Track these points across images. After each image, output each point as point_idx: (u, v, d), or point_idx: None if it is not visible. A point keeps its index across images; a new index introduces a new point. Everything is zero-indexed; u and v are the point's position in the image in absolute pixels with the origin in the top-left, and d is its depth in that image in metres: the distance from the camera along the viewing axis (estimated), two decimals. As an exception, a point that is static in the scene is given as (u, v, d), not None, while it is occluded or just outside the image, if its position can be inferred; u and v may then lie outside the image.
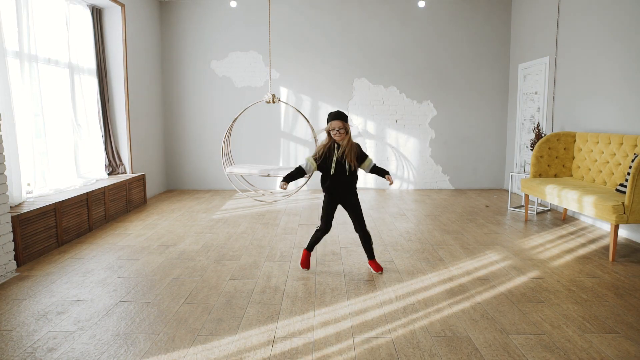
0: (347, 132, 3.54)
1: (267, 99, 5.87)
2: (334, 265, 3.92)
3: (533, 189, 5.24)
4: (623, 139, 4.65)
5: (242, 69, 7.71)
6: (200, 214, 6.00)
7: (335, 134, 3.52)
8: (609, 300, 3.19)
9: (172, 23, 7.66)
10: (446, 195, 7.31)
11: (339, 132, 3.51)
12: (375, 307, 3.09)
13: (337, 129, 3.50)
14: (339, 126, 3.50)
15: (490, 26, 7.65)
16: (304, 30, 7.63)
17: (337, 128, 3.50)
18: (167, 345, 2.61)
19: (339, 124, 3.50)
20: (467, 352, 2.51)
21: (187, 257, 4.18)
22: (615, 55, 4.91)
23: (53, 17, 5.28)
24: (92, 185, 5.47)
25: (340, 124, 3.50)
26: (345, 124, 3.53)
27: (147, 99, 7.20)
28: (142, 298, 3.26)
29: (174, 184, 8.00)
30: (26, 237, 4.04)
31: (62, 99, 5.44)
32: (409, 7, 7.59)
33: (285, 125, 7.78)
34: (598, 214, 4.11)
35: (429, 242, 4.62)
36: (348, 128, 3.54)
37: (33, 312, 3.03)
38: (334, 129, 3.51)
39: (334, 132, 3.52)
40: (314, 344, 2.62)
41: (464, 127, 7.84)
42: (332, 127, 3.51)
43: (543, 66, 6.38)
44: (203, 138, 7.84)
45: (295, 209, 6.35)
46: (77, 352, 2.53)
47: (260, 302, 3.18)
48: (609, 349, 2.54)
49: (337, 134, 3.51)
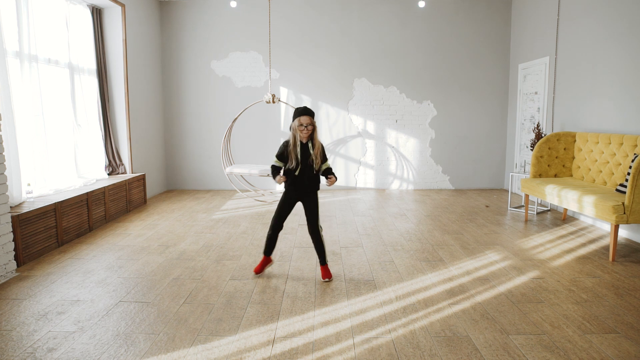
0: (315, 128, 3.44)
1: (267, 99, 5.88)
2: (334, 265, 3.92)
3: (533, 189, 5.23)
4: (623, 139, 4.65)
5: (242, 69, 7.71)
6: (200, 214, 6.00)
7: (302, 129, 3.39)
8: (609, 300, 3.19)
9: (172, 23, 7.66)
10: (446, 195, 7.31)
11: (306, 128, 3.38)
12: (375, 307, 3.09)
13: (305, 125, 3.38)
14: (307, 122, 3.38)
15: (490, 26, 7.65)
16: (304, 30, 7.63)
17: (306, 124, 3.38)
18: (167, 345, 2.61)
19: (307, 119, 3.38)
20: (467, 352, 2.51)
21: (187, 257, 4.18)
22: (615, 55, 4.91)
23: (53, 17, 5.28)
24: (92, 185, 5.47)
25: (308, 120, 3.38)
26: (313, 120, 3.41)
27: (147, 99, 7.20)
28: (142, 298, 3.26)
29: (174, 184, 8.00)
30: (26, 237, 4.04)
31: (62, 99, 5.44)
32: (409, 7, 7.59)
33: (286, 125, 7.78)
34: (598, 214, 4.11)
35: (429, 242, 4.62)
36: (315, 124, 3.44)
37: (33, 312, 3.03)
38: (302, 125, 3.38)
39: (302, 127, 3.38)
40: (314, 344, 2.61)
41: (464, 127, 7.84)
42: (301, 122, 3.38)
43: (543, 66, 6.38)
44: (203, 138, 7.84)
45: (295, 209, 6.34)
46: (77, 352, 2.53)
47: (260, 302, 3.18)
48: (609, 349, 2.54)
49: (305, 130, 3.38)
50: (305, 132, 3.40)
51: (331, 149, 7.84)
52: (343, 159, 7.89)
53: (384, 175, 7.95)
